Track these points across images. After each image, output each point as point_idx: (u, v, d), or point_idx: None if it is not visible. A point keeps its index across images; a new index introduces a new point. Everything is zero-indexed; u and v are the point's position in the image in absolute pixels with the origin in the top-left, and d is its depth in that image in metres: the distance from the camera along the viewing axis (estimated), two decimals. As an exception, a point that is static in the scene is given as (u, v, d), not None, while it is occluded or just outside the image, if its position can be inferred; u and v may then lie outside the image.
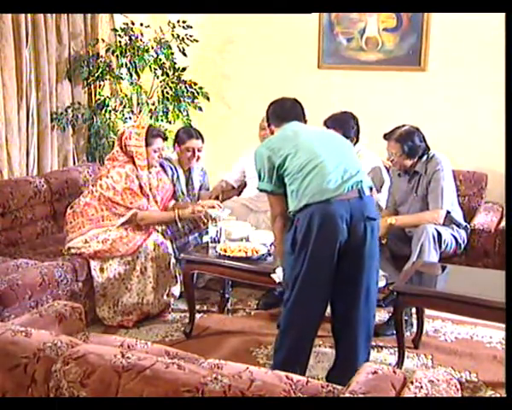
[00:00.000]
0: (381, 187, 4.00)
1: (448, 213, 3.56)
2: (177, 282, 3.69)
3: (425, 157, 3.59)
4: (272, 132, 2.89)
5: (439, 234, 3.43)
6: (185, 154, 3.95)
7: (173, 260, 3.67)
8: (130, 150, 3.59)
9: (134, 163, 3.60)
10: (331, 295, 2.64)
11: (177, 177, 3.97)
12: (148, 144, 3.61)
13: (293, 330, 2.66)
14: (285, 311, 2.68)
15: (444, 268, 3.30)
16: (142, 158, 3.60)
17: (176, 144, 3.99)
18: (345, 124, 3.86)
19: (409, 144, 3.55)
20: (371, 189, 2.72)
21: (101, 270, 3.51)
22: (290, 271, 2.62)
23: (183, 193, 3.98)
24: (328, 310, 2.73)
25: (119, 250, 3.49)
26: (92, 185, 3.66)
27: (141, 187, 3.61)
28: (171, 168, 3.95)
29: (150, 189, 3.68)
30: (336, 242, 2.52)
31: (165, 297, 3.64)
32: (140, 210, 3.57)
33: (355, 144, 3.94)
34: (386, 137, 3.62)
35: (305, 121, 2.88)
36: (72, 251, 3.56)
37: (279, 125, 2.82)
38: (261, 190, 2.75)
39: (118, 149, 3.64)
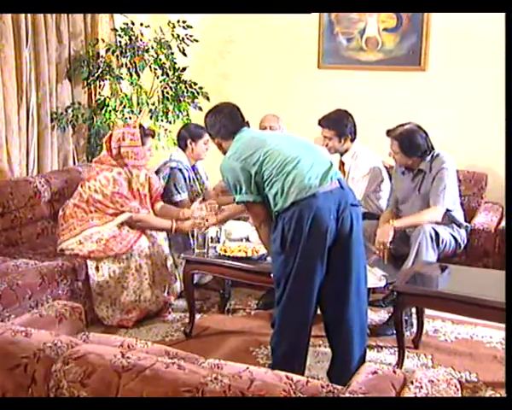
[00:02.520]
0: (379, 185, 3.99)
1: (448, 211, 3.55)
2: (176, 279, 3.69)
3: (429, 156, 3.59)
4: (220, 146, 2.87)
5: (437, 233, 3.43)
6: (202, 147, 3.95)
7: (170, 261, 3.67)
8: (126, 151, 3.56)
9: (122, 166, 3.56)
10: (321, 290, 2.62)
11: (193, 179, 3.97)
12: (142, 144, 3.59)
13: (289, 327, 2.66)
14: (279, 309, 2.68)
15: (444, 268, 3.29)
16: (138, 157, 3.58)
17: (190, 141, 3.92)
18: (339, 122, 3.87)
19: (407, 143, 3.55)
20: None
21: (97, 269, 3.51)
22: (282, 269, 2.62)
23: (198, 194, 3.97)
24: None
25: (113, 249, 3.48)
26: (81, 186, 3.63)
27: (132, 189, 3.58)
28: (187, 170, 3.94)
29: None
30: (326, 233, 2.54)
31: (165, 294, 3.64)
32: (132, 213, 3.55)
33: (352, 142, 3.94)
34: (389, 133, 3.63)
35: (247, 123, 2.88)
36: (66, 253, 3.55)
37: (229, 139, 2.80)
38: (240, 203, 2.75)
39: (105, 152, 3.60)
